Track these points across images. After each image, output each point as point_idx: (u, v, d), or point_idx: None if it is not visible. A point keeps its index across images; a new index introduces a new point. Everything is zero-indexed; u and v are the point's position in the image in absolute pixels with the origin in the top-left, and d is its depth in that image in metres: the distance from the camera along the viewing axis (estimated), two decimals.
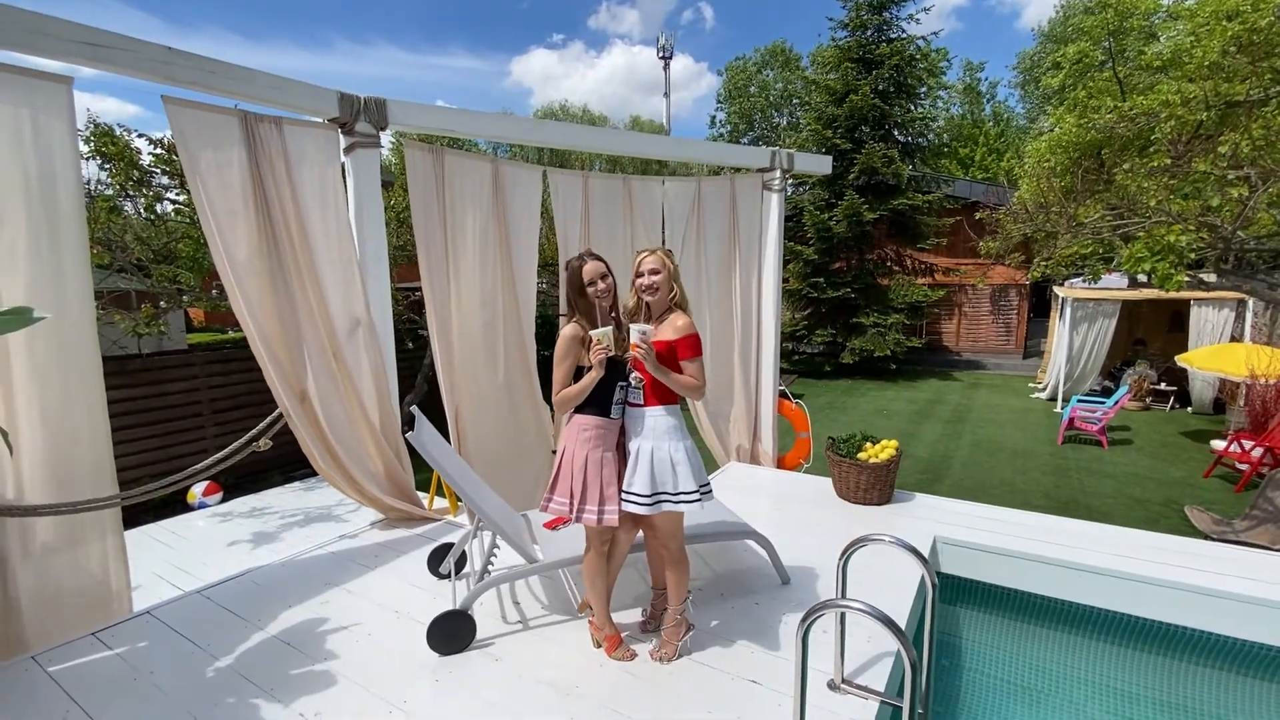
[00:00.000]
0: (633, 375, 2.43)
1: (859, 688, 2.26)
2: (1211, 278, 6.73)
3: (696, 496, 2.39)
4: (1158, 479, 7.46)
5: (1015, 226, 7.51)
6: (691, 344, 2.42)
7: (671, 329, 2.42)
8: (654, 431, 2.42)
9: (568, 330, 2.42)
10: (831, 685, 2.31)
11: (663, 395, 2.44)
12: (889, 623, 1.67)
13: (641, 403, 2.45)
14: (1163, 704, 3.03)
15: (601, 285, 2.42)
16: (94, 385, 2.81)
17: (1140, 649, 3.20)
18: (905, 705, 1.73)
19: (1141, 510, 6.42)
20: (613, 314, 2.50)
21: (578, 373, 2.43)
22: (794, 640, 2.59)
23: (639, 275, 2.48)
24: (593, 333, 2.35)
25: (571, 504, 2.40)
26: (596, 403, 2.43)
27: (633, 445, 2.45)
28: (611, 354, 2.35)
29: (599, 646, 2.60)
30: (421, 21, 66.99)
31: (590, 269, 2.42)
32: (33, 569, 2.74)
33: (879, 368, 15.06)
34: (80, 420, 2.78)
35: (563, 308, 3.23)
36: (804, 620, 1.82)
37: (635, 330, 2.32)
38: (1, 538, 2.62)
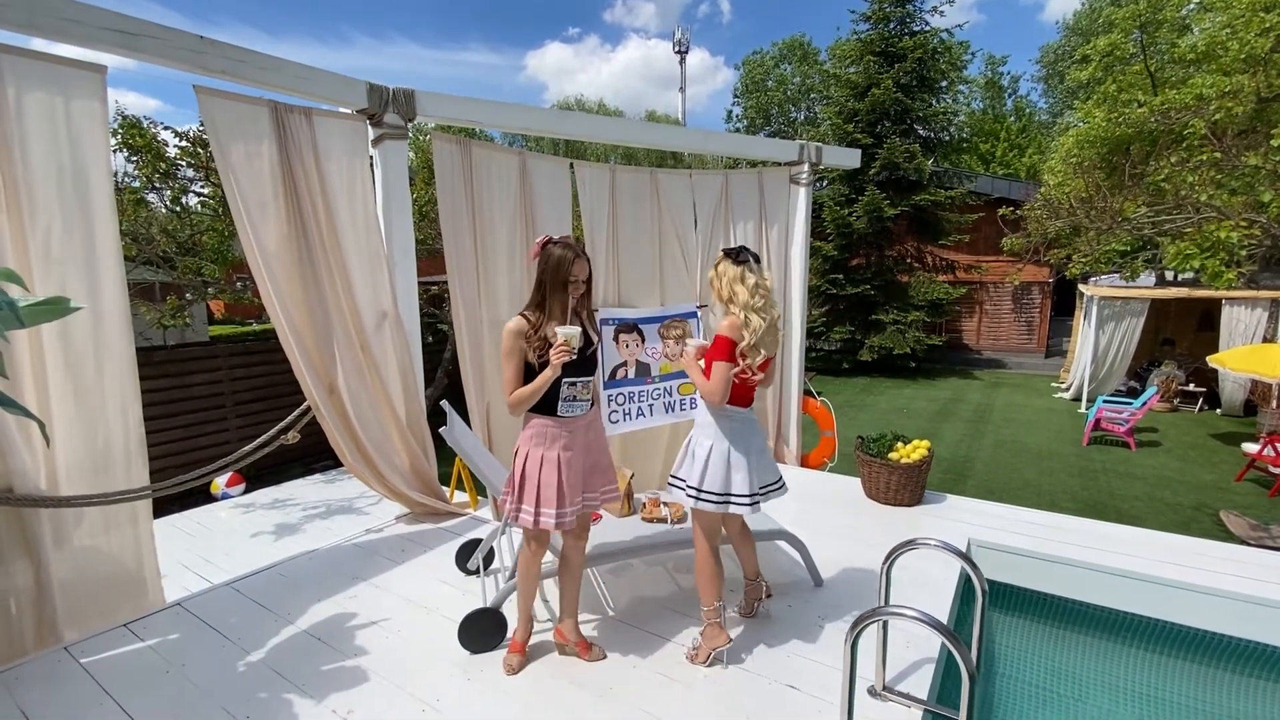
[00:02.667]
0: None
1: (901, 695, 2.20)
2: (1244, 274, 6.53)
3: (706, 499, 2.38)
4: (1188, 482, 7.29)
5: (1051, 222, 7.33)
6: (720, 346, 2.35)
7: (716, 328, 2.43)
8: (696, 421, 2.50)
9: (513, 324, 2.29)
10: (872, 692, 2.24)
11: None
12: (948, 634, 1.60)
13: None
14: (1205, 715, 2.93)
15: (581, 288, 2.35)
16: (128, 376, 2.80)
17: (1180, 657, 3.11)
18: (962, 718, 1.66)
19: (1173, 514, 6.28)
20: (579, 313, 2.40)
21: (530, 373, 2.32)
22: (831, 644, 2.55)
23: None
24: (560, 330, 2.22)
25: (513, 504, 2.35)
26: (542, 403, 2.34)
27: None
28: (574, 356, 2.24)
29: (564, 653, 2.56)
30: (439, 16, 67.04)
31: (581, 267, 2.32)
32: (67, 558, 2.74)
33: (898, 365, 14.88)
34: (114, 411, 2.77)
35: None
36: (853, 628, 1.76)
37: (692, 345, 2.49)
38: (35, 527, 2.62)
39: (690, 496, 2.40)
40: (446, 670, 2.46)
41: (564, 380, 2.31)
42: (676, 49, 31.36)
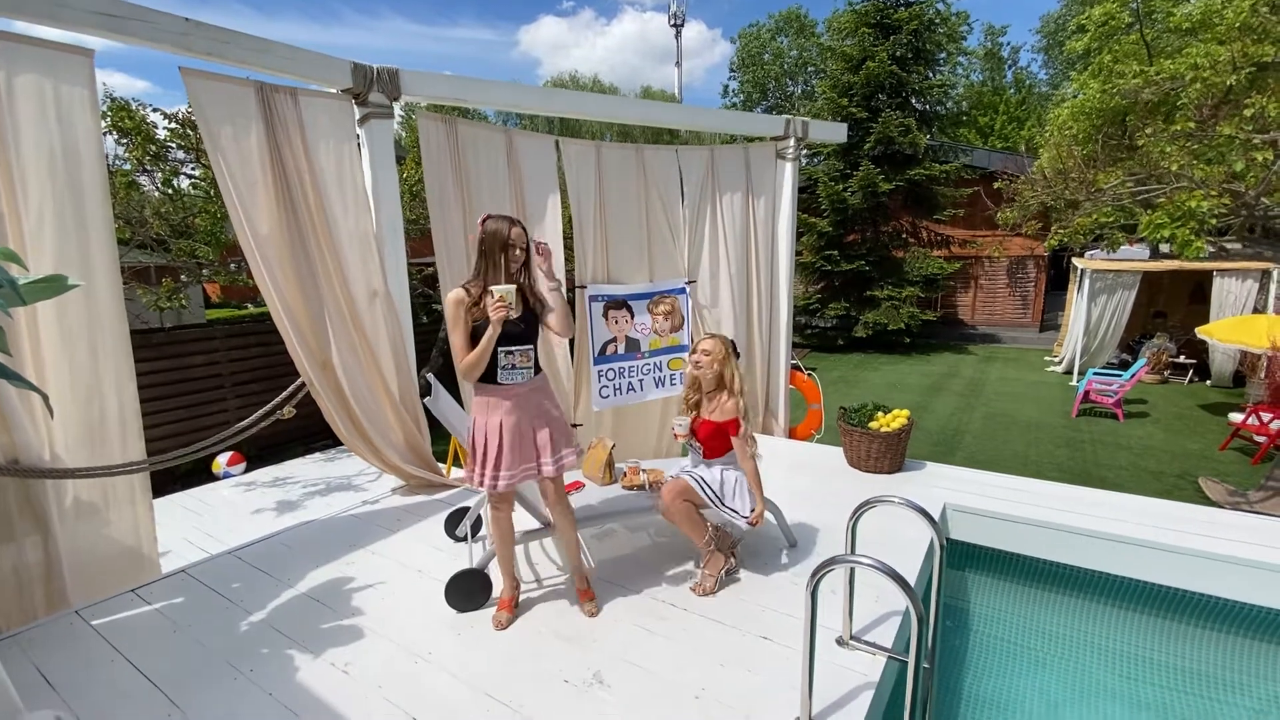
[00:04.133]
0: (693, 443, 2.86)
1: (866, 644, 2.33)
2: (1235, 246, 6.57)
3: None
4: (1173, 451, 7.42)
5: (1033, 195, 7.36)
6: (736, 424, 2.76)
7: (720, 411, 2.78)
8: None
9: (451, 295, 2.44)
10: (840, 642, 2.38)
11: (717, 452, 2.86)
12: (895, 576, 1.72)
13: (704, 459, 2.88)
14: (1168, 667, 3.07)
15: (517, 252, 2.45)
16: (122, 353, 2.90)
17: (1147, 613, 3.23)
18: (911, 659, 1.78)
19: (1156, 483, 6.41)
20: (518, 279, 2.49)
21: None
22: (802, 600, 2.68)
23: (693, 351, 2.87)
24: (494, 288, 2.32)
25: (467, 469, 2.54)
26: (487, 371, 2.46)
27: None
28: (512, 313, 2.34)
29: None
30: None
31: (518, 234, 2.44)
32: (71, 531, 2.86)
33: (893, 341, 14.95)
34: (109, 387, 2.87)
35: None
36: (814, 575, 1.88)
37: (680, 423, 2.84)
38: (42, 498, 2.74)
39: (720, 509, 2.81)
40: (438, 627, 2.59)
41: (500, 350, 2.44)
42: (672, 22, 30.96)
